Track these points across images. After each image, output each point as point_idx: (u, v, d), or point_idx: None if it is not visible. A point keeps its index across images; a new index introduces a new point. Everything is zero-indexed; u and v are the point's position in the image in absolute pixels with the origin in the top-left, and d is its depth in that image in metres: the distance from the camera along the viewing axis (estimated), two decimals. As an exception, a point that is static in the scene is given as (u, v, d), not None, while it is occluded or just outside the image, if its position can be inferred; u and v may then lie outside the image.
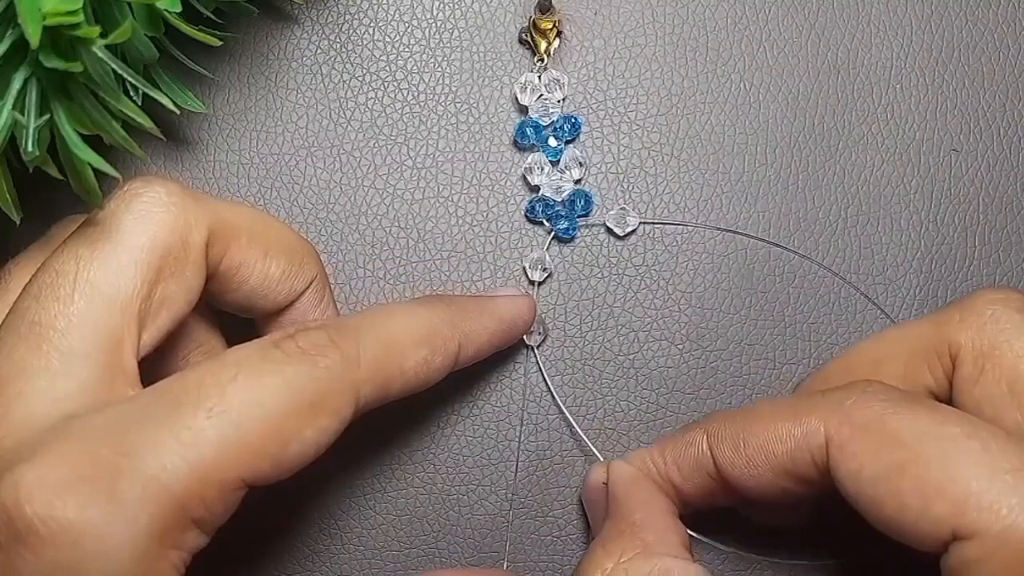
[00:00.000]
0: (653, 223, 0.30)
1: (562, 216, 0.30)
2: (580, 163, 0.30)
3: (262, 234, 0.26)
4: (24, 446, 0.21)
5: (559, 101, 0.30)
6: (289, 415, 0.21)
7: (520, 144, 0.30)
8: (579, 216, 0.30)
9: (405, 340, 0.24)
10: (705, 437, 0.25)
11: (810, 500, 0.26)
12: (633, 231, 0.30)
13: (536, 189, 0.30)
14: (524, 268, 0.30)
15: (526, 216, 0.30)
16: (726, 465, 0.25)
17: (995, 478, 0.21)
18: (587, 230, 0.30)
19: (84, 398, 0.21)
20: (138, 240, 0.23)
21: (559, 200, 0.30)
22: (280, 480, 0.22)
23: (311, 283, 0.27)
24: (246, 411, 0.21)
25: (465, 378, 0.30)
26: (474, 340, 0.26)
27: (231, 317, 0.27)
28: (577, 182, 0.30)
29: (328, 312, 0.27)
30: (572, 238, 0.30)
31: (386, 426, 0.30)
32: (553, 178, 0.30)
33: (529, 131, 0.30)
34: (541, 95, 0.30)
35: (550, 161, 0.30)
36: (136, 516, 0.20)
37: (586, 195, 0.30)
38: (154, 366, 0.25)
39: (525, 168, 0.30)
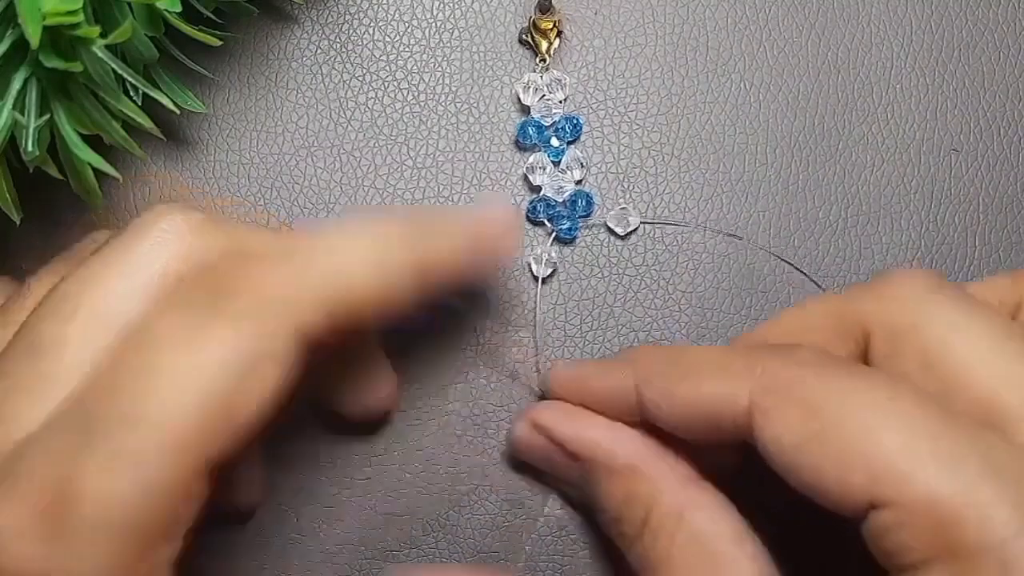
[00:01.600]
0: (654, 223, 0.30)
1: (564, 216, 0.30)
2: (581, 163, 0.30)
3: (281, 258, 0.24)
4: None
5: (560, 101, 0.30)
6: (224, 386, 0.20)
7: (522, 144, 0.30)
8: (580, 216, 0.30)
9: (354, 263, 0.23)
10: (633, 376, 0.25)
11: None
12: (634, 231, 0.30)
13: (537, 189, 0.30)
14: (528, 264, 0.30)
15: (527, 217, 0.30)
16: (651, 408, 0.25)
17: (913, 446, 0.21)
18: (587, 230, 0.30)
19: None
20: (149, 268, 0.22)
21: (560, 200, 0.30)
22: (246, 444, 0.21)
23: None
24: (179, 402, 0.20)
25: (466, 378, 0.30)
26: (440, 261, 0.24)
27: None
28: (578, 183, 0.30)
29: None
30: (573, 239, 0.30)
31: (385, 424, 0.30)
32: (555, 178, 0.30)
33: (531, 131, 0.30)
34: (543, 96, 0.30)
35: (552, 161, 0.30)
36: (93, 550, 0.19)
37: (587, 195, 0.30)
38: None
39: (527, 168, 0.30)
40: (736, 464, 0.26)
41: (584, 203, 0.30)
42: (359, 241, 0.23)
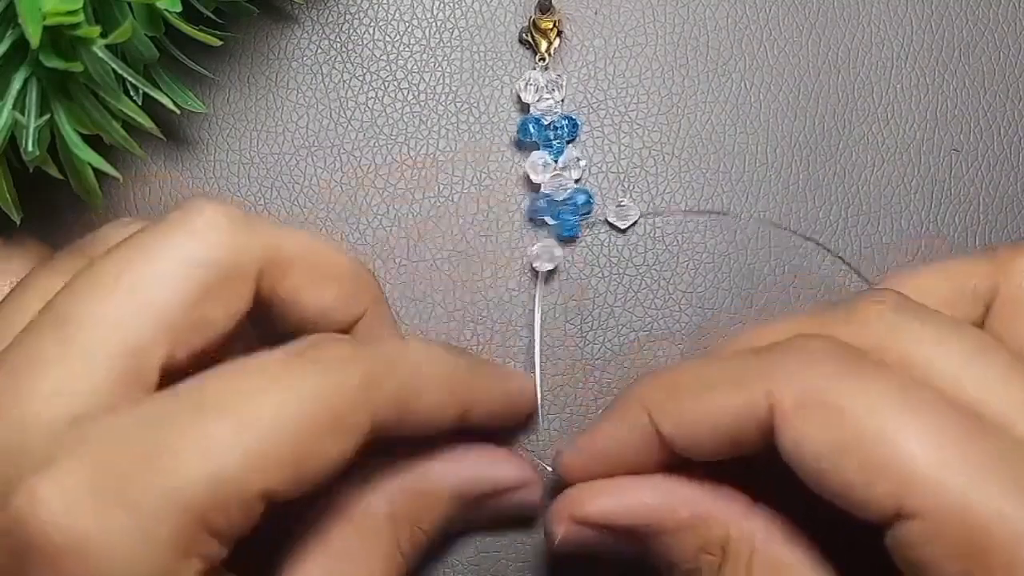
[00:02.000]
0: (654, 215, 0.30)
1: (565, 214, 0.30)
2: (580, 163, 0.30)
3: (316, 261, 0.25)
4: (36, 450, 0.20)
5: (558, 102, 0.30)
6: (312, 428, 0.21)
7: (522, 141, 0.30)
8: (581, 215, 0.30)
9: (426, 376, 0.24)
10: (647, 413, 0.24)
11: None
12: (634, 223, 0.30)
13: (537, 187, 0.30)
14: (530, 261, 0.30)
15: (528, 216, 0.30)
16: (673, 439, 0.24)
17: (942, 453, 0.20)
18: (587, 229, 0.30)
19: (96, 399, 0.21)
20: (188, 257, 0.22)
21: (561, 199, 0.30)
22: (298, 496, 0.21)
23: (367, 309, 0.26)
24: (270, 422, 0.20)
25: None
26: (484, 404, 0.26)
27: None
28: (577, 181, 0.30)
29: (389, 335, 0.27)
30: (575, 237, 0.30)
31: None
32: (555, 177, 0.30)
33: (532, 127, 0.30)
34: (542, 96, 0.30)
35: (552, 159, 0.30)
36: (154, 528, 0.19)
37: (587, 193, 0.30)
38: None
39: (528, 165, 0.30)
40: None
41: (584, 201, 0.30)
42: (438, 363, 0.24)
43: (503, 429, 0.29)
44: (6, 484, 0.20)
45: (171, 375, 0.22)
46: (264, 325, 0.25)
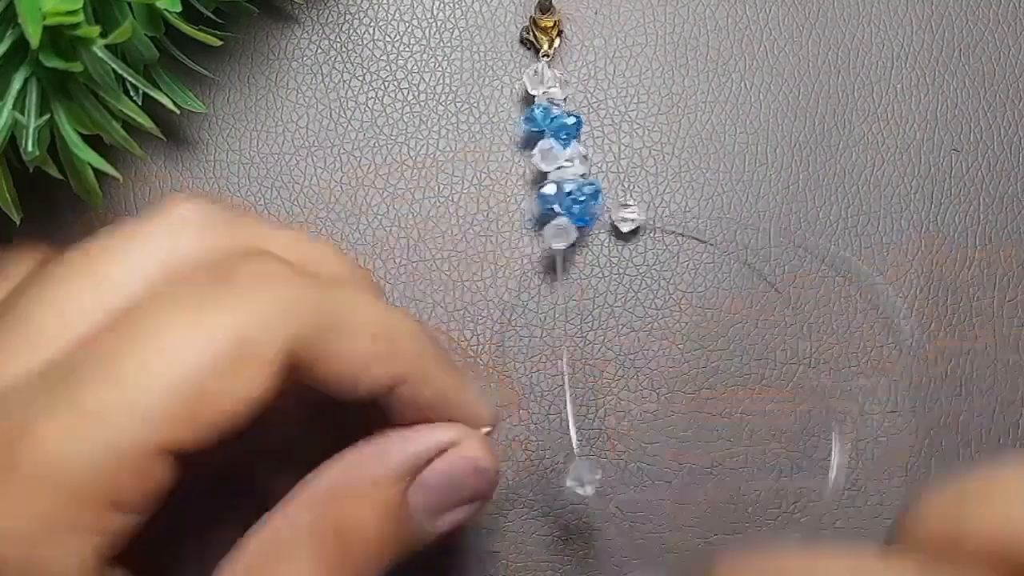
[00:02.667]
0: (662, 230, 0.30)
1: (577, 203, 0.29)
2: (585, 158, 0.30)
3: (301, 255, 0.23)
4: None
5: (561, 100, 0.30)
6: (205, 372, 0.19)
7: (528, 129, 0.30)
8: (591, 206, 0.29)
9: (368, 319, 0.21)
10: None
11: None
12: (636, 231, 0.30)
13: (544, 175, 0.29)
14: (549, 243, 0.29)
15: (540, 205, 0.29)
16: None
17: None
18: (587, 227, 0.30)
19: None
20: (153, 251, 0.21)
21: (568, 191, 0.29)
22: (210, 444, 0.20)
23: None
24: (152, 375, 0.19)
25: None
26: (420, 387, 0.23)
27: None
28: (582, 176, 0.30)
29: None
30: (588, 226, 0.30)
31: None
32: (564, 166, 0.29)
33: (539, 113, 0.29)
34: (548, 88, 0.30)
35: (560, 148, 0.29)
36: (29, 508, 0.19)
37: (594, 185, 0.29)
38: None
39: (536, 152, 0.29)
40: None
41: (593, 192, 0.29)
42: (389, 312, 0.22)
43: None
44: None
45: None
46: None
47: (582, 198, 0.29)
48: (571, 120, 0.30)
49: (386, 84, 0.31)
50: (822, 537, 0.30)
